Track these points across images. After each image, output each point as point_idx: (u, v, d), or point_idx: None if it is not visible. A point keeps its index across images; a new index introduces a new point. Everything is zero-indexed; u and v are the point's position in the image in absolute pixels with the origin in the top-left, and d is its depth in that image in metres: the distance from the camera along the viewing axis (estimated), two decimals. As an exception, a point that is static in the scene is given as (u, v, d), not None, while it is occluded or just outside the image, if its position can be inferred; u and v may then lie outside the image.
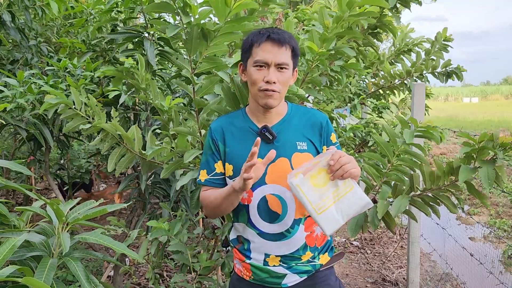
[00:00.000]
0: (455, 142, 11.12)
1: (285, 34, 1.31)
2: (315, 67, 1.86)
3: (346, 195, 1.21)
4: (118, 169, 1.78)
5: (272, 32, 1.29)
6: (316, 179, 1.21)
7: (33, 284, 0.82)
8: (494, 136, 1.49)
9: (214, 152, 1.41)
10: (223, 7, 1.45)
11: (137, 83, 1.72)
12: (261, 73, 1.29)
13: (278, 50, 1.28)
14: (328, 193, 1.21)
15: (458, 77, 3.41)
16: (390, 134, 1.71)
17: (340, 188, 1.21)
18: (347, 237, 4.59)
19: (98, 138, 1.76)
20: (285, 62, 1.30)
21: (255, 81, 1.31)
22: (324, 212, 1.21)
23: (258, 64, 1.30)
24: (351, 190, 1.20)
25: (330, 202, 1.21)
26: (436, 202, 1.72)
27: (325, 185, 1.21)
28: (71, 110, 1.74)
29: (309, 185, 1.21)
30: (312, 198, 1.21)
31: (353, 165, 1.19)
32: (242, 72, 1.39)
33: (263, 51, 1.29)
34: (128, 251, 1.12)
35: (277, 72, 1.30)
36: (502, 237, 4.96)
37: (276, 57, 1.28)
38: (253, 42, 1.31)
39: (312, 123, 1.40)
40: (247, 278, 1.42)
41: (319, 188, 1.21)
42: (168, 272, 3.37)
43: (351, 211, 1.22)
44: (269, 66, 1.29)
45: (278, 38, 1.28)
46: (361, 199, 1.21)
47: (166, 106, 1.70)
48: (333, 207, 1.21)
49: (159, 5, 1.57)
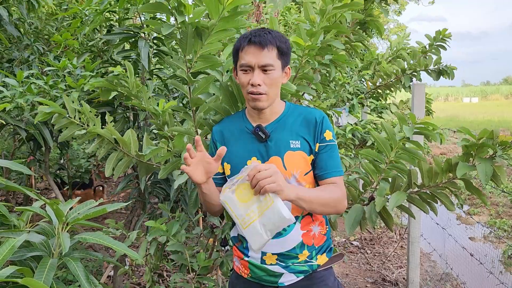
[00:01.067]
0: (455, 142, 11.13)
1: (268, 35, 1.31)
2: (305, 62, 1.86)
3: (267, 210, 1.19)
4: (116, 173, 1.79)
5: (254, 35, 1.30)
6: (242, 194, 1.22)
7: (33, 285, 0.81)
8: (494, 134, 1.49)
9: (213, 153, 1.43)
10: (216, 5, 1.47)
11: (128, 91, 1.72)
12: (247, 77, 1.32)
13: (260, 52, 1.30)
14: (253, 207, 1.21)
15: (448, 75, 3.48)
16: (389, 130, 1.71)
17: (262, 202, 1.20)
18: (347, 237, 4.59)
19: (95, 144, 1.76)
20: (268, 63, 1.30)
21: (242, 84, 1.35)
22: (248, 226, 1.21)
23: (243, 68, 1.33)
24: (271, 205, 1.19)
25: (255, 216, 1.21)
26: (434, 200, 1.72)
27: (249, 199, 1.21)
28: (65, 119, 1.74)
29: (235, 200, 1.22)
30: (238, 212, 1.22)
31: (272, 179, 1.15)
32: (236, 75, 1.42)
33: (246, 54, 1.31)
34: (128, 250, 1.12)
35: (262, 74, 1.31)
36: (502, 237, 4.96)
37: (258, 59, 1.30)
38: (238, 46, 1.34)
39: (306, 120, 1.39)
40: (245, 276, 1.43)
41: (245, 203, 1.21)
42: (168, 272, 3.37)
43: (274, 226, 1.20)
44: (253, 69, 1.31)
45: (259, 41, 1.29)
46: (280, 215, 1.18)
47: (160, 110, 1.70)
48: (257, 221, 1.21)
49: (153, 5, 1.57)
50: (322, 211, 1.34)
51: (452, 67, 3.46)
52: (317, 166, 1.39)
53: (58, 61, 2.31)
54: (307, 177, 1.37)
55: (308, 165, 1.37)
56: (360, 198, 1.82)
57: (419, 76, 3.57)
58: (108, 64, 2.57)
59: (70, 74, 2.28)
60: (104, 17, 2.37)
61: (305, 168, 1.36)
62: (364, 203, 1.79)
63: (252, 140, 1.38)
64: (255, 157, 1.36)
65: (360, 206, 1.76)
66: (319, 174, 1.39)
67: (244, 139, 1.40)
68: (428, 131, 1.69)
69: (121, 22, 2.42)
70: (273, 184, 1.15)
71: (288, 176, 1.34)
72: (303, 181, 1.36)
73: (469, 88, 56.08)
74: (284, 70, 1.37)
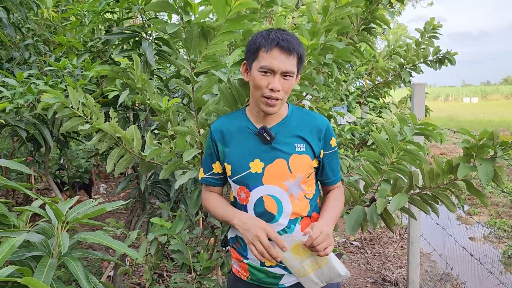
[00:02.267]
0: (455, 142, 11.12)
1: (294, 41, 1.29)
2: (307, 62, 1.85)
3: (322, 267, 1.31)
4: (117, 170, 1.78)
5: (282, 39, 1.26)
6: (297, 249, 1.30)
7: (33, 284, 0.81)
8: (494, 134, 1.49)
9: (213, 153, 1.44)
10: (223, 6, 1.45)
11: (133, 83, 1.71)
12: (266, 80, 1.28)
13: (286, 58, 1.26)
14: (308, 261, 1.31)
15: (450, 61, 3.41)
16: (389, 131, 1.71)
17: (317, 259, 1.30)
18: (347, 237, 4.59)
19: (96, 138, 1.75)
20: (292, 70, 1.28)
21: (259, 87, 1.29)
22: (305, 276, 1.32)
23: (264, 70, 1.27)
24: (326, 263, 1.30)
25: (310, 269, 1.31)
26: (435, 201, 1.72)
27: (304, 254, 1.30)
28: (68, 109, 1.73)
29: (291, 255, 1.30)
30: (293, 264, 1.31)
31: (328, 243, 1.25)
32: (245, 71, 1.38)
33: (271, 57, 1.26)
34: (128, 250, 1.11)
35: (282, 79, 1.28)
36: (502, 237, 4.96)
37: (283, 66, 1.26)
38: (261, 45, 1.28)
39: (311, 127, 1.39)
40: (245, 278, 1.42)
41: (299, 256, 1.30)
42: (168, 272, 3.37)
43: (329, 278, 1.32)
44: (275, 73, 1.27)
45: (288, 47, 1.26)
46: (336, 272, 1.30)
47: (164, 107, 1.70)
48: (312, 274, 1.32)
49: (160, 4, 1.57)
50: None
51: (452, 53, 3.39)
52: (325, 174, 1.45)
53: (58, 62, 2.31)
54: (309, 180, 1.39)
55: (311, 168, 1.39)
56: (361, 200, 1.81)
57: (419, 69, 3.52)
58: (107, 64, 2.57)
59: (70, 75, 2.28)
60: (103, 18, 2.37)
61: (308, 171, 1.37)
62: (365, 205, 1.78)
63: (255, 141, 1.37)
64: (258, 159, 1.35)
65: (361, 208, 1.76)
66: (326, 181, 1.47)
67: (247, 140, 1.37)
68: (428, 131, 1.69)
69: (120, 22, 2.42)
70: (330, 247, 1.25)
71: (292, 179, 1.34)
72: (305, 183, 1.37)
73: (469, 88, 56.06)
74: (297, 76, 1.36)
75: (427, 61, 3.49)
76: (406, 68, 3.57)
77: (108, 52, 2.51)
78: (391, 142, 1.71)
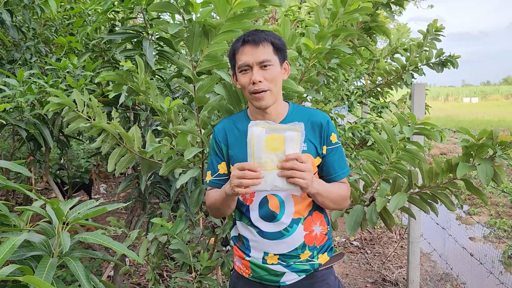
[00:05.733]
0: (455, 142, 11.12)
1: (261, 33, 1.33)
2: (312, 66, 1.86)
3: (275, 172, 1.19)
4: (118, 169, 1.79)
5: (247, 35, 1.33)
6: (271, 141, 1.19)
7: (34, 282, 0.82)
8: (494, 134, 1.49)
9: (218, 154, 1.44)
10: (224, 5, 1.47)
11: (137, 86, 1.72)
12: (247, 76, 1.32)
13: (256, 50, 1.31)
14: (273, 158, 1.19)
15: (453, 64, 3.40)
16: (389, 131, 1.71)
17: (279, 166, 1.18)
18: (347, 237, 4.59)
19: (100, 139, 1.77)
20: (266, 58, 1.31)
21: (244, 86, 1.34)
22: (265, 172, 1.19)
23: (242, 68, 1.33)
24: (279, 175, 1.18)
25: (272, 166, 1.19)
26: (434, 200, 1.72)
27: (274, 150, 1.19)
28: (73, 112, 1.76)
29: (263, 143, 1.19)
30: (258, 154, 1.20)
31: (304, 175, 1.17)
32: (236, 81, 1.41)
33: (243, 54, 1.32)
34: (128, 251, 1.12)
35: (261, 70, 1.31)
36: (502, 237, 4.96)
37: (255, 57, 1.30)
38: (234, 49, 1.35)
39: (312, 123, 1.40)
40: (246, 275, 1.44)
41: (267, 150, 1.19)
42: (168, 272, 3.37)
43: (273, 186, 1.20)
44: (252, 68, 1.31)
45: (253, 39, 1.31)
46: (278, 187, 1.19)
47: (166, 108, 1.71)
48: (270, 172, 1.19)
49: (162, 4, 1.58)
50: (330, 206, 1.39)
51: (455, 56, 3.38)
52: (326, 170, 1.42)
53: (59, 62, 2.31)
54: None
55: (314, 167, 1.39)
56: (361, 199, 1.82)
57: (421, 71, 3.51)
58: (109, 64, 2.57)
59: (71, 75, 2.28)
60: (107, 17, 2.37)
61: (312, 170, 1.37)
62: (364, 204, 1.79)
63: None
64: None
65: (361, 207, 1.76)
66: (329, 178, 1.42)
67: None
68: (428, 131, 1.70)
69: (124, 21, 2.42)
70: (301, 180, 1.17)
71: None
72: None
73: (469, 88, 56.05)
74: (282, 65, 1.37)
75: (429, 63, 3.48)
76: (409, 70, 3.55)
77: (110, 52, 2.52)
78: (391, 141, 1.71)
